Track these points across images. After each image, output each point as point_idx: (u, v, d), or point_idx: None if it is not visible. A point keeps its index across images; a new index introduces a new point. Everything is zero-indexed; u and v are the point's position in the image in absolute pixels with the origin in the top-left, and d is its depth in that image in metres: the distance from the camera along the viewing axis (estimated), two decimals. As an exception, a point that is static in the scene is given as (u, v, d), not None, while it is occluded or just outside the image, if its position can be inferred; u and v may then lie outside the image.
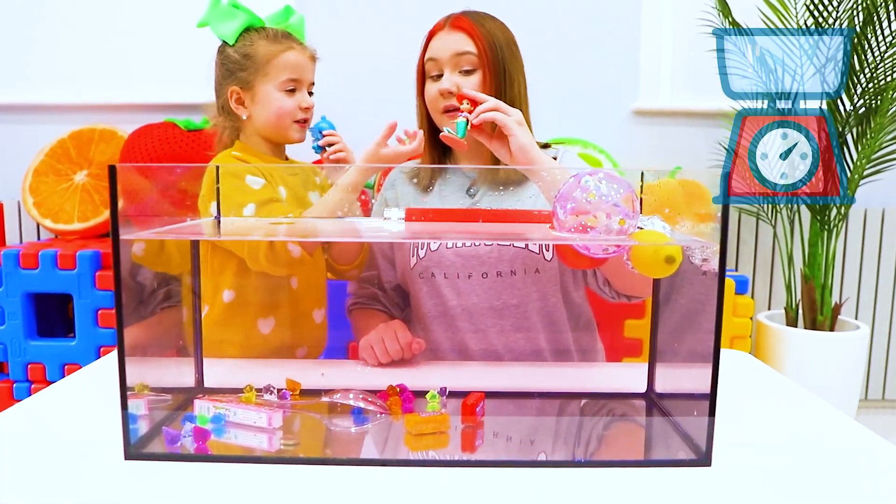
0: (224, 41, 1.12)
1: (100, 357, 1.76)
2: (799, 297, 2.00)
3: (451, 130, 0.97)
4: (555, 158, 1.14)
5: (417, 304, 1.12)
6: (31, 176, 2.03)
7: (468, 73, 1.05)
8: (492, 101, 0.95)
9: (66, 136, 2.05)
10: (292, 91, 1.12)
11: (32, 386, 1.78)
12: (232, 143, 1.16)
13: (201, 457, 0.66)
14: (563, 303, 1.08)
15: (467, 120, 0.96)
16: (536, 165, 0.93)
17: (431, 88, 1.07)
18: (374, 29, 2.12)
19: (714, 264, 0.67)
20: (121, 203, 0.64)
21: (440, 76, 1.06)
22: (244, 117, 1.13)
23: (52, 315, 1.87)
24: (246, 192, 0.99)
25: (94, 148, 2.05)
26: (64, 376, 1.77)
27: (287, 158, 1.22)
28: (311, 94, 1.16)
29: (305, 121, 1.14)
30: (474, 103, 0.95)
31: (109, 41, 2.11)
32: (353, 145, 1.18)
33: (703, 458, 0.63)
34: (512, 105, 1.05)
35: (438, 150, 1.14)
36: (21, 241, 2.17)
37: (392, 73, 2.11)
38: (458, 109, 1.08)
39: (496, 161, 1.05)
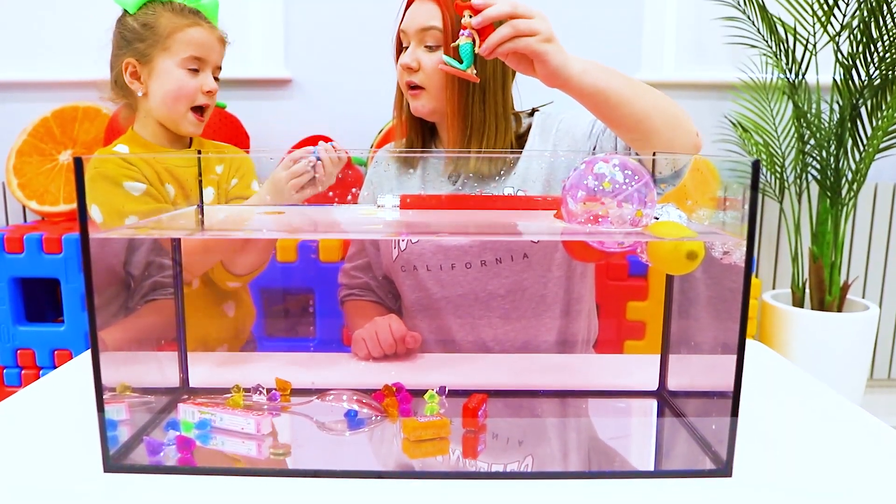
0: (124, 9, 1.03)
1: (89, 343, 1.72)
2: (806, 275, 1.95)
3: (450, 60, 0.75)
4: (532, 114, 1.06)
5: (403, 297, 1.07)
6: (15, 156, 1.96)
7: (432, 48, 0.96)
8: (504, 6, 0.72)
9: (48, 115, 1.98)
10: (195, 71, 1.02)
11: (22, 372, 1.74)
12: (129, 126, 1.06)
13: (186, 469, 0.61)
14: (560, 287, 1.02)
15: (474, 41, 0.72)
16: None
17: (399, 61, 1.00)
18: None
19: (735, 257, 0.62)
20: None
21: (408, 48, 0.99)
22: (139, 94, 1.03)
23: (41, 299, 1.83)
24: (125, 201, 0.91)
25: (78, 126, 1.97)
26: (54, 361, 1.75)
27: (189, 145, 1.11)
28: (216, 79, 1.06)
29: (204, 109, 1.05)
30: (476, 12, 0.72)
31: (90, 14, 2.02)
32: (333, 119, 1.10)
33: (722, 468, 0.59)
34: (485, 87, 0.96)
35: (419, 127, 1.06)
36: (7, 224, 2.11)
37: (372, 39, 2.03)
38: (418, 87, 0.97)
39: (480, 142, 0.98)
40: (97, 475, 0.59)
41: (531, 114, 1.06)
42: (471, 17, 0.72)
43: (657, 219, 0.64)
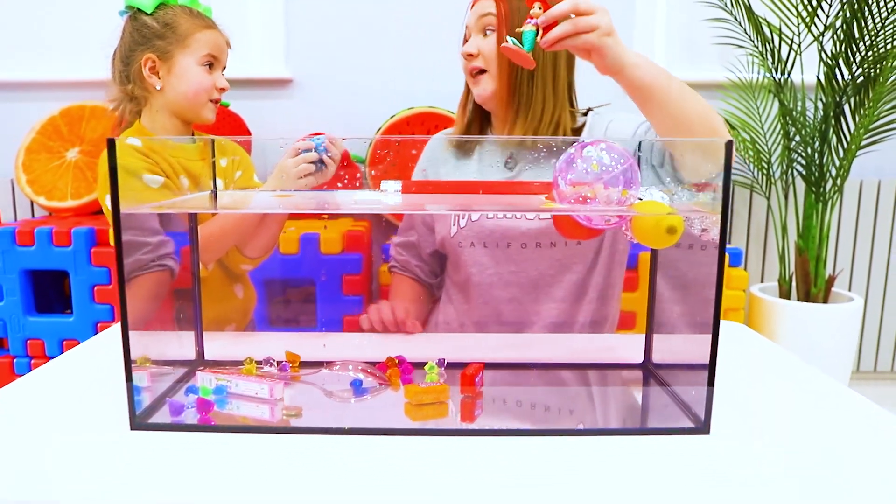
0: (139, 9, 1.13)
1: (97, 332, 1.76)
2: (792, 269, 2.01)
3: (515, 41, 0.79)
4: (585, 114, 1.11)
5: (456, 272, 1.13)
6: (24, 154, 2.01)
7: (488, 35, 1.04)
8: (566, 4, 0.77)
9: (56, 114, 2.03)
10: (210, 68, 1.13)
11: (32, 361, 1.79)
12: (132, 123, 1.15)
13: (205, 427, 0.66)
14: (602, 273, 1.08)
15: (537, 30, 0.77)
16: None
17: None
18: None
19: (713, 234, 0.67)
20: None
21: None
22: (158, 87, 1.12)
23: (49, 291, 1.87)
24: (141, 193, 0.97)
25: (85, 125, 2.02)
26: (63, 351, 1.79)
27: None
28: None
29: (218, 101, 1.16)
30: (546, 5, 0.77)
31: (97, 15, 2.07)
32: (333, 118, 1.14)
33: (701, 427, 0.64)
34: (540, 71, 1.01)
35: (479, 122, 1.13)
36: (16, 219, 2.15)
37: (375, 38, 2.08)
38: (481, 72, 1.04)
39: (536, 130, 1.03)
40: (124, 433, 0.64)
41: (585, 113, 1.13)
42: (541, 9, 0.78)
43: (641, 199, 0.69)
